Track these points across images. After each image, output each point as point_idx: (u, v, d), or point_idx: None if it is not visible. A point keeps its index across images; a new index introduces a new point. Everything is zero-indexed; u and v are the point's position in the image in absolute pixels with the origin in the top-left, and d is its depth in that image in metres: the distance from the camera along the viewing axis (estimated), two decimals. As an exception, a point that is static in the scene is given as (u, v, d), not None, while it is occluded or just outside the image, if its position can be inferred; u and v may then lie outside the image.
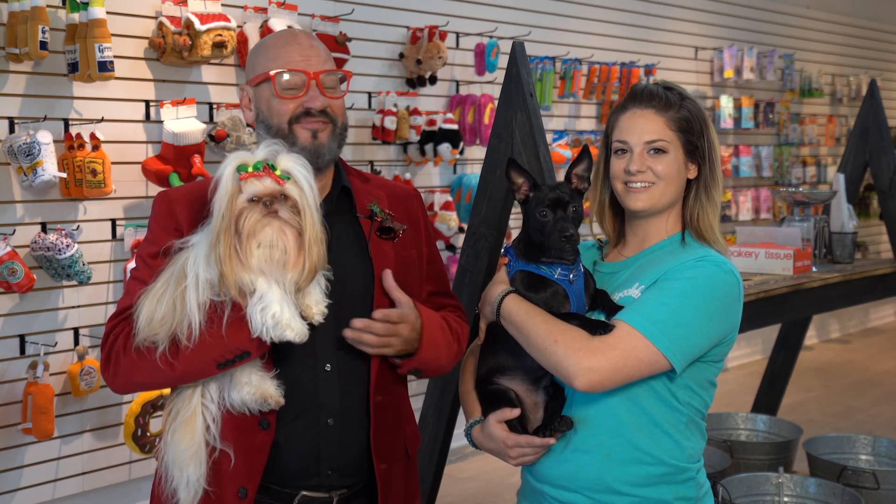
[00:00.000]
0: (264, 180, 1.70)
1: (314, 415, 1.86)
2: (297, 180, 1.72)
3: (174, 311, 1.73)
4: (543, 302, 1.91)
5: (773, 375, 4.84)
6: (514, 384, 1.97)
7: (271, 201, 1.70)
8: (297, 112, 1.87)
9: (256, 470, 1.82)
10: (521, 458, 1.93)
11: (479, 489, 4.79)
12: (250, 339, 1.73)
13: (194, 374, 1.77)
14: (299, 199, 1.71)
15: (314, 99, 1.88)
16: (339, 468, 1.88)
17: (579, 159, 1.96)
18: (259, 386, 1.78)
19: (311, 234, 1.71)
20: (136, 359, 1.76)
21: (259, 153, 1.72)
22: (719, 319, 1.87)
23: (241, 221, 1.69)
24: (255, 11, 4.28)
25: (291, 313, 1.71)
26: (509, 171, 1.98)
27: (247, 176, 1.69)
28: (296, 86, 1.87)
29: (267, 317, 1.70)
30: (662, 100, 1.95)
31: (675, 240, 1.98)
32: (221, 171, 1.71)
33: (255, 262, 1.69)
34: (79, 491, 3.96)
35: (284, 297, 1.71)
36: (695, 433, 1.94)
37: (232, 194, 1.69)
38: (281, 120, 1.88)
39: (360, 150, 4.90)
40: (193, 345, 1.72)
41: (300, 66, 1.88)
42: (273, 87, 1.87)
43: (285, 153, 1.74)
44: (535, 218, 1.92)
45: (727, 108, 7.04)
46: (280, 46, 1.90)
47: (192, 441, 1.79)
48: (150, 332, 1.74)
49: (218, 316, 1.73)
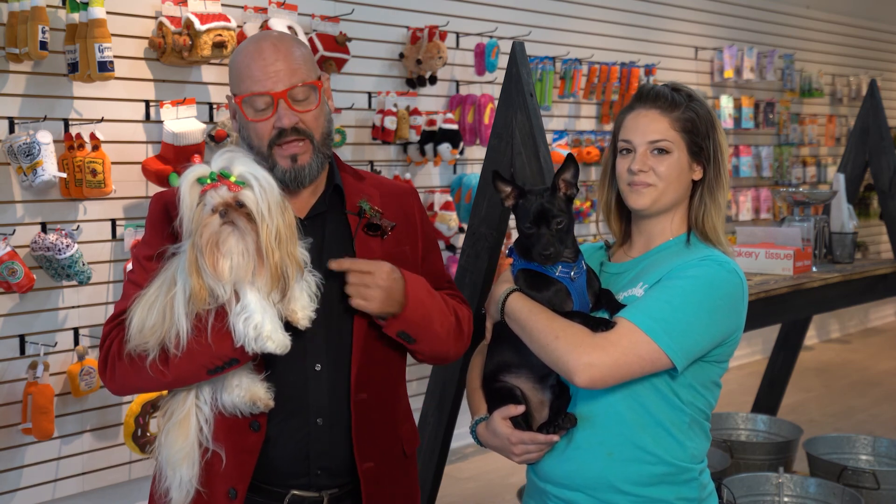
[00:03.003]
0: (220, 190, 1.69)
1: (304, 415, 1.86)
2: (252, 185, 1.70)
3: (164, 320, 1.73)
4: (546, 300, 1.92)
5: (773, 375, 4.84)
6: (519, 382, 1.97)
7: (226, 211, 1.69)
8: (272, 134, 1.85)
9: (246, 471, 1.83)
10: (524, 455, 1.93)
11: (479, 489, 4.79)
12: (236, 349, 1.73)
13: (186, 380, 1.78)
14: (254, 205, 1.70)
15: (282, 118, 1.84)
16: (328, 468, 1.88)
17: (565, 167, 1.96)
18: (249, 389, 1.79)
19: (267, 239, 1.70)
20: (128, 365, 1.77)
21: (214, 164, 1.72)
22: (721, 318, 1.87)
23: (203, 234, 1.69)
24: (255, 11, 4.28)
25: (273, 325, 1.72)
26: (495, 182, 1.99)
27: (206, 188, 1.69)
28: (265, 106, 1.85)
29: (249, 328, 1.70)
30: (668, 100, 1.95)
31: (680, 240, 1.98)
32: (181, 186, 1.71)
33: (226, 273, 1.70)
34: (79, 491, 3.96)
35: (266, 307, 1.71)
36: (698, 434, 1.94)
37: (192, 208, 1.70)
38: (261, 143, 1.86)
39: (360, 150, 4.90)
40: (182, 353, 1.73)
41: (265, 86, 1.84)
42: (242, 112, 1.87)
43: (241, 157, 1.73)
44: (522, 229, 1.95)
45: (727, 108, 7.04)
46: (244, 66, 1.87)
47: (185, 442, 1.80)
48: (140, 340, 1.75)
49: (203, 325, 1.73)
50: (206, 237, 1.69)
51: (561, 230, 1.91)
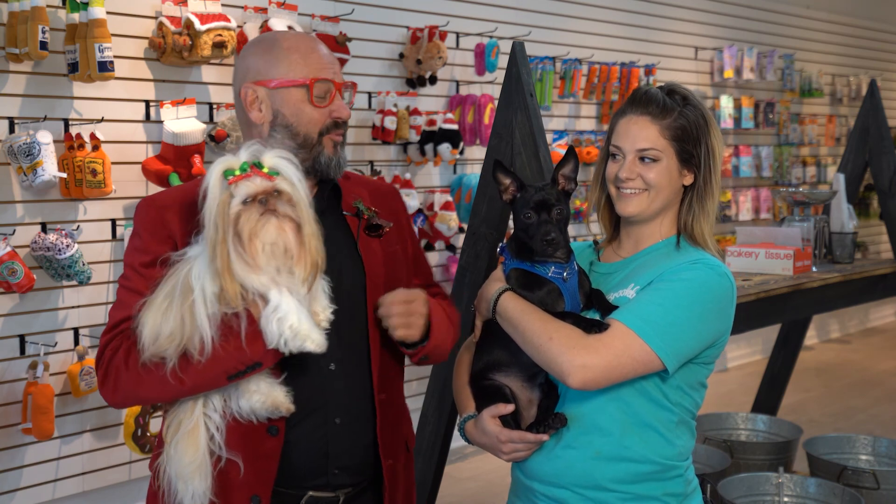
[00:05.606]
0: (254, 179, 1.66)
1: (322, 414, 1.86)
2: (286, 175, 1.69)
3: (183, 326, 1.68)
4: (539, 300, 1.92)
5: (773, 375, 4.84)
6: (509, 381, 1.97)
7: (266, 199, 1.66)
8: (327, 123, 1.86)
9: (268, 477, 1.81)
10: (513, 453, 1.94)
11: (479, 489, 4.79)
12: (266, 351, 1.70)
13: (203, 387, 1.73)
14: (293, 192, 1.68)
15: (343, 109, 1.87)
16: (346, 467, 1.89)
17: (565, 160, 1.96)
18: (269, 394, 1.75)
19: (309, 227, 1.69)
20: (142, 374, 1.72)
21: (242, 155, 1.68)
22: (712, 321, 1.89)
23: (239, 224, 1.65)
24: (255, 11, 4.28)
25: (309, 323, 1.68)
26: (496, 172, 1.98)
27: (236, 179, 1.65)
28: (324, 94, 1.86)
29: (284, 327, 1.66)
30: (660, 106, 1.94)
31: (670, 243, 1.99)
32: (207, 179, 1.67)
33: (263, 263, 1.66)
34: (79, 491, 3.96)
35: (299, 306, 1.68)
36: (685, 433, 1.96)
37: (223, 201, 1.65)
38: (311, 129, 1.86)
39: (360, 150, 4.90)
40: (206, 359, 1.68)
41: (328, 74, 1.86)
42: (310, 96, 1.85)
43: (268, 150, 1.71)
44: (520, 220, 1.94)
45: (727, 108, 7.04)
46: (307, 52, 1.86)
47: (196, 454, 1.74)
48: (157, 349, 1.69)
49: (229, 329, 1.69)
50: (248, 227, 1.65)
51: (560, 221, 1.91)
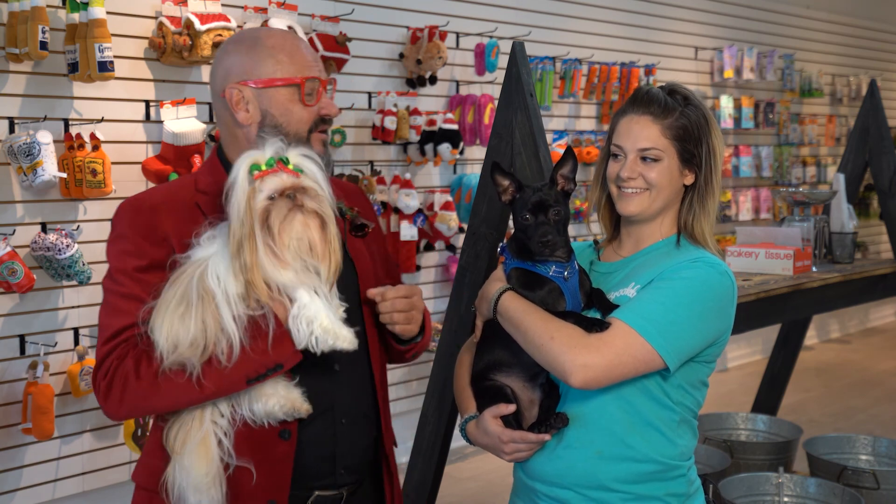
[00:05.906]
0: (280, 175, 1.66)
1: (329, 416, 1.86)
2: (310, 173, 1.69)
3: (206, 332, 1.65)
4: (539, 299, 1.92)
5: (773, 375, 4.84)
6: (510, 381, 1.97)
7: (294, 194, 1.66)
8: (314, 120, 1.86)
9: (284, 482, 1.80)
10: (515, 453, 1.94)
11: (479, 489, 4.79)
12: (294, 352, 1.70)
13: (223, 393, 1.71)
14: (318, 190, 1.68)
15: (331, 106, 1.87)
16: (350, 465, 1.90)
17: (563, 160, 1.96)
18: (287, 396, 1.74)
19: (332, 225, 1.69)
20: (159, 383, 1.67)
21: (268, 150, 1.68)
22: (713, 320, 1.89)
23: (270, 219, 1.65)
24: (255, 11, 4.28)
25: (338, 322, 1.68)
26: (493, 174, 1.98)
27: (263, 174, 1.65)
28: (313, 92, 1.85)
29: (315, 327, 1.66)
30: (661, 106, 1.94)
31: (670, 241, 1.99)
32: (235, 174, 1.67)
33: (290, 259, 1.66)
34: (79, 491, 3.96)
35: (326, 305, 1.68)
36: (687, 432, 1.95)
37: (249, 196, 1.65)
38: (300, 128, 1.84)
39: (360, 150, 4.90)
40: (233, 363, 1.66)
41: (315, 72, 1.85)
42: (301, 94, 1.83)
43: (292, 148, 1.71)
44: (519, 221, 1.94)
45: (727, 108, 7.04)
46: (293, 50, 1.85)
47: (209, 464, 1.71)
48: (179, 356, 1.65)
49: (257, 329, 1.68)
50: (278, 221, 1.64)
51: (558, 222, 1.91)
